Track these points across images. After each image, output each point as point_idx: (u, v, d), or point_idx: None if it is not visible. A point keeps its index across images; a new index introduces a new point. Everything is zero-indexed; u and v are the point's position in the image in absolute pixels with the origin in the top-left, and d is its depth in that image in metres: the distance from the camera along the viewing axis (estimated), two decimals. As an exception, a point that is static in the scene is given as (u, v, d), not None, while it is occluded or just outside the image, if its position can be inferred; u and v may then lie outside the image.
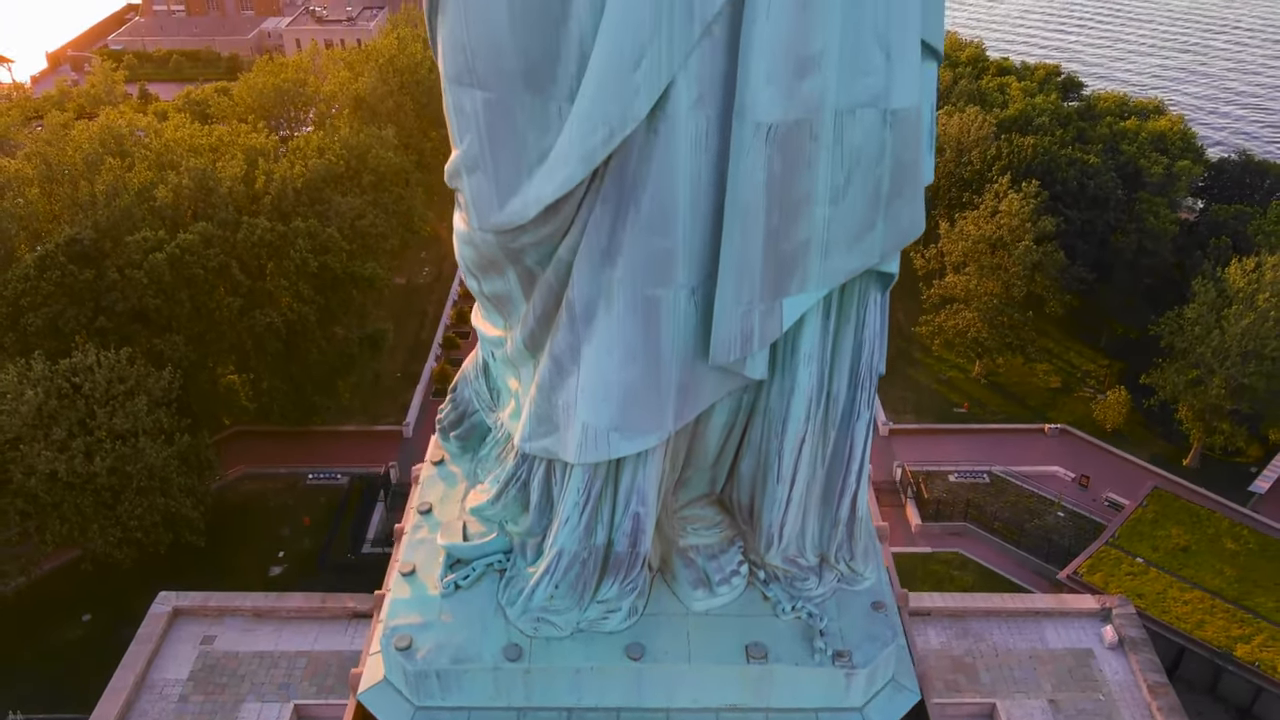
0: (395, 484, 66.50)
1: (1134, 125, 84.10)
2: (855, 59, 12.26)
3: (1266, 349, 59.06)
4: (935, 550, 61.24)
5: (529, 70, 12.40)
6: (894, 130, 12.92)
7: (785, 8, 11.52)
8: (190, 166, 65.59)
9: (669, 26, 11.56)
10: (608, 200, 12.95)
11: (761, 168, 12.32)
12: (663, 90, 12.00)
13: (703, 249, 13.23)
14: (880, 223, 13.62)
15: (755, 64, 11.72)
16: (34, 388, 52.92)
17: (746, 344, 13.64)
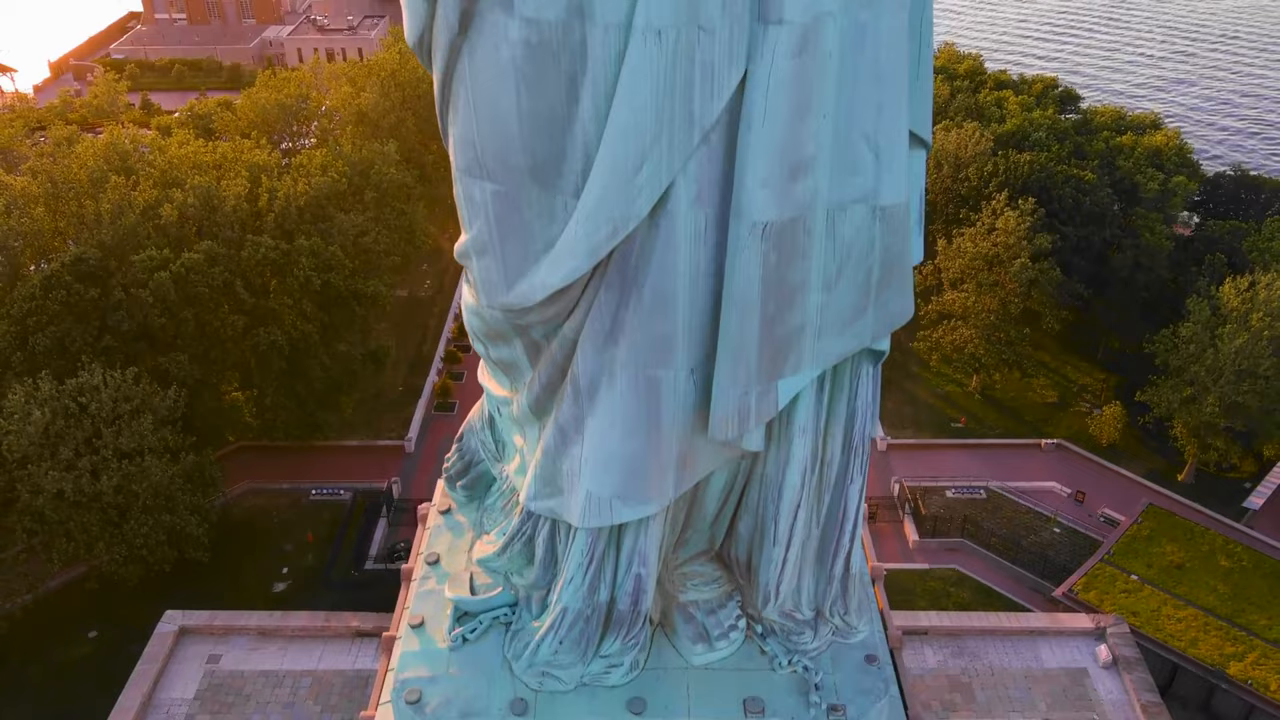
0: (398, 499, 67.11)
1: (1130, 140, 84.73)
2: (846, 160, 12.86)
3: (1260, 368, 59.72)
4: (932, 567, 61.83)
5: (536, 167, 12.99)
6: (883, 224, 13.52)
7: (779, 116, 12.12)
8: (195, 184, 66.18)
9: (669, 134, 12.15)
10: (611, 286, 13.54)
11: (757, 262, 12.91)
12: (664, 191, 12.59)
13: (702, 332, 13.82)
14: (871, 309, 14.22)
15: (751, 168, 12.32)
16: (41, 408, 53.52)
17: (744, 423, 14.23)
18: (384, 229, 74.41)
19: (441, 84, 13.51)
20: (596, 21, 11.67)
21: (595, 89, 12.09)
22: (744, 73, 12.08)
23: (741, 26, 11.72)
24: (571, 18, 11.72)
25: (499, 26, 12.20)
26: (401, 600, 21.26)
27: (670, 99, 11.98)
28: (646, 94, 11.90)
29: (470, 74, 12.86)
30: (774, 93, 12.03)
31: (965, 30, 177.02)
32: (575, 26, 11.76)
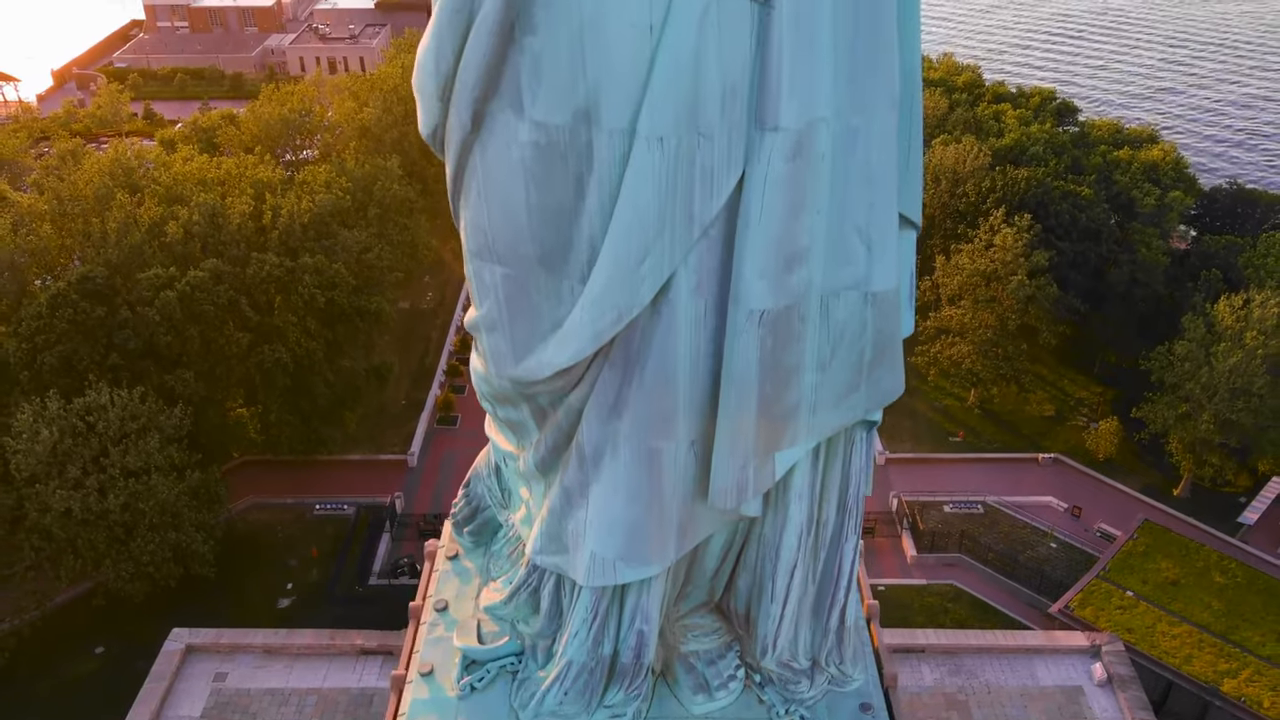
0: (401, 514, 67.77)
1: (1127, 155, 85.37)
2: (839, 251, 13.52)
3: (1254, 386, 60.38)
4: (930, 582, 62.46)
5: (544, 255, 13.64)
6: (875, 308, 14.19)
7: (775, 214, 12.78)
8: (200, 202, 66.84)
9: (671, 229, 12.81)
10: (615, 365, 14.19)
11: (755, 346, 13.57)
12: (665, 280, 13.26)
13: (702, 406, 14.47)
14: (864, 385, 14.89)
15: (748, 261, 12.98)
16: (49, 427, 54.20)
17: (742, 494, 14.89)
18: (387, 245, 75.08)
19: (454, 174, 14.16)
20: (602, 127, 12.33)
21: (601, 188, 12.74)
22: (741, 174, 12.75)
23: (739, 132, 12.39)
24: (578, 123, 12.38)
25: (509, 127, 12.86)
26: (410, 640, 21.90)
27: (672, 198, 12.64)
28: (649, 194, 12.56)
29: (482, 169, 13.53)
30: (770, 193, 12.70)
31: (964, 40, 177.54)
32: (582, 130, 12.43)
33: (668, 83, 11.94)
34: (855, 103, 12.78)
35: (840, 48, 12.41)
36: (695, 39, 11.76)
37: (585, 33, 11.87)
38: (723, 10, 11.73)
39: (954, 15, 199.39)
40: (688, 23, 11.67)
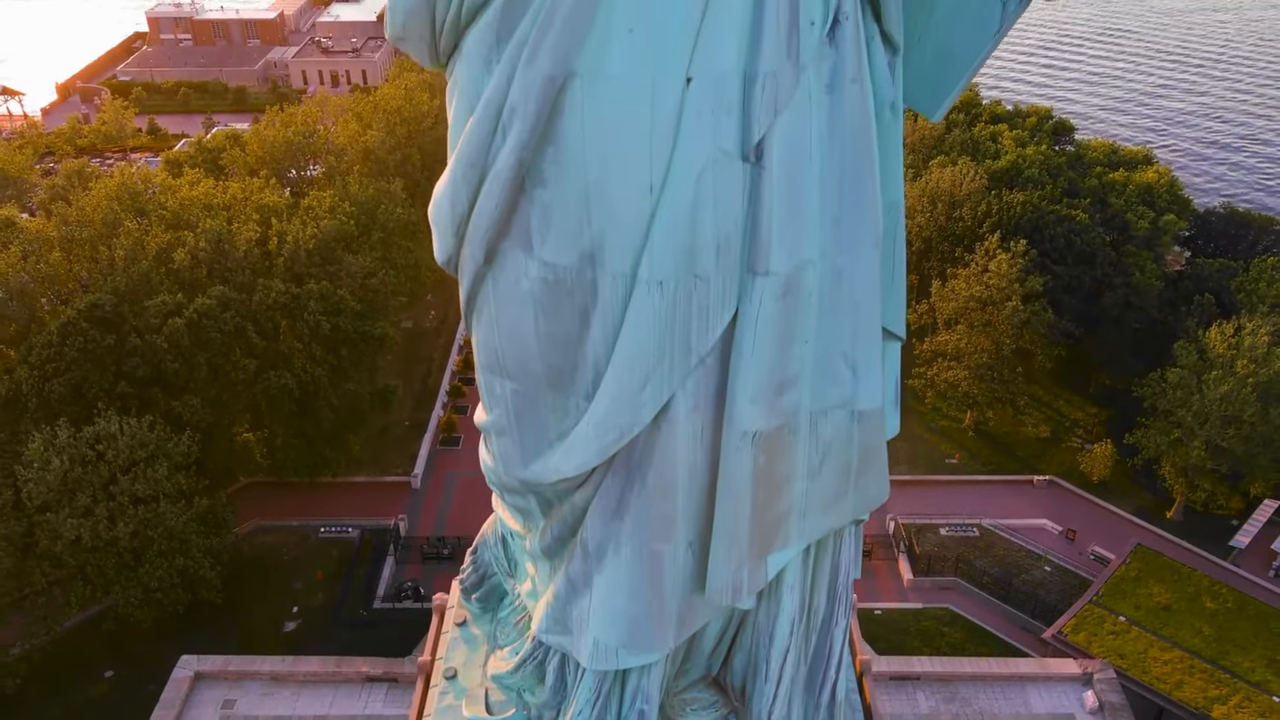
0: (404, 537, 68.71)
1: (1122, 177, 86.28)
2: (827, 375, 14.52)
3: (1244, 414, 61.32)
4: (926, 606, 63.36)
5: (551, 374, 14.63)
6: (860, 424, 15.19)
7: (766, 346, 13.78)
8: (206, 228, 67.79)
9: (670, 359, 13.80)
10: (618, 473, 15.17)
11: (749, 462, 14.56)
12: (665, 402, 14.25)
13: (699, 512, 15.44)
14: (851, 492, 15.89)
15: (742, 387, 13.98)
16: (59, 456, 55.16)
17: (737, 593, 15.88)
18: (390, 268, 76.04)
19: (467, 298, 15.17)
20: (606, 270, 13.33)
21: (604, 321, 13.73)
22: (735, 311, 13.76)
23: (733, 276, 13.40)
24: (584, 264, 13.39)
25: (519, 264, 13.86)
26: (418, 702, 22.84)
27: (670, 333, 13.64)
28: (649, 330, 13.55)
29: (494, 297, 14.53)
30: (761, 328, 13.69)
31: None
32: (587, 271, 13.43)
33: (667, 235, 12.95)
34: (840, 244, 13.78)
35: (826, 197, 13.42)
36: (692, 197, 12.78)
37: (591, 190, 12.89)
38: (717, 171, 12.74)
39: None
40: (685, 183, 12.69)
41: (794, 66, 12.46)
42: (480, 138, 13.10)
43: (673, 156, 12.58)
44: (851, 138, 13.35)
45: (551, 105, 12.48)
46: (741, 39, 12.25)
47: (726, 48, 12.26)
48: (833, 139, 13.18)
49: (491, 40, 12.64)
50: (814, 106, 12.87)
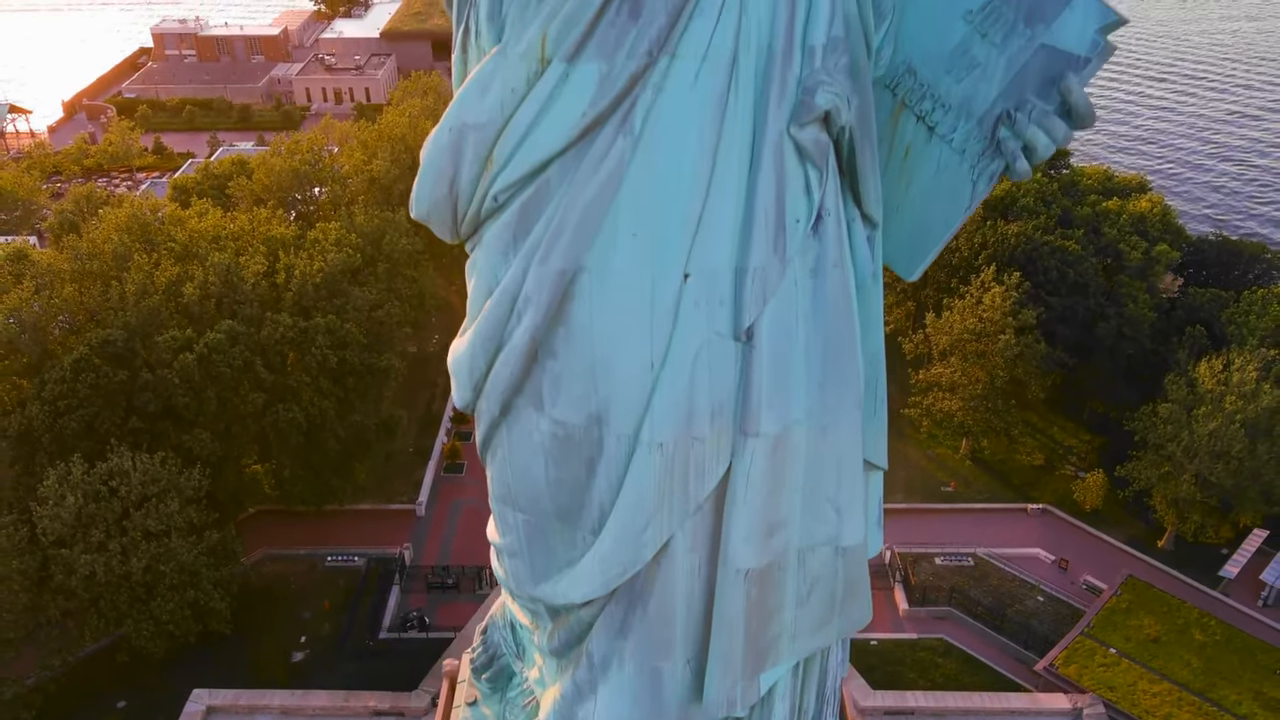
0: (409, 566, 70.03)
1: (1116, 205, 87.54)
2: (813, 517, 15.86)
3: (1233, 449, 62.63)
4: (921, 636, 64.62)
5: (559, 511, 15.98)
6: (844, 559, 16.56)
7: (757, 496, 15.15)
8: (215, 261, 69.14)
9: (669, 505, 15.15)
10: (620, 599, 16.51)
11: (742, 596, 15.92)
12: (664, 542, 15.62)
13: (696, 636, 16.77)
14: (836, 618, 17.23)
15: (735, 531, 15.34)
16: (73, 492, 56.52)
17: (731, 707, 17.18)
18: (395, 299, 77.34)
19: (483, 441, 16.52)
20: (611, 430, 14.69)
21: (609, 472, 15.08)
22: (729, 466, 15.14)
23: (726, 437, 14.76)
24: (591, 424, 14.76)
25: (532, 419, 15.21)
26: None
27: (670, 485, 14.98)
28: (650, 483, 14.91)
29: (507, 442, 15.89)
30: (753, 481, 15.04)
31: None
32: (594, 430, 14.79)
33: (666, 404, 14.31)
34: (825, 406, 15.12)
35: (811, 366, 14.77)
36: (690, 373, 14.15)
37: (597, 364, 14.25)
38: (712, 350, 14.12)
39: None
40: (683, 361, 14.07)
41: (781, 260, 13.82)
42: (498, 318, 14.50)
43: (672, 339, 13.95)
44: (834, 315, 14.71)
45: (562, 294, 13.87)
46: (733, 239, 13.62)
47: (720, 247, 13.62)
48: (817, 317, 14.53)
49: (509, 238, 14.01)
50: (799, 291, 14.23)
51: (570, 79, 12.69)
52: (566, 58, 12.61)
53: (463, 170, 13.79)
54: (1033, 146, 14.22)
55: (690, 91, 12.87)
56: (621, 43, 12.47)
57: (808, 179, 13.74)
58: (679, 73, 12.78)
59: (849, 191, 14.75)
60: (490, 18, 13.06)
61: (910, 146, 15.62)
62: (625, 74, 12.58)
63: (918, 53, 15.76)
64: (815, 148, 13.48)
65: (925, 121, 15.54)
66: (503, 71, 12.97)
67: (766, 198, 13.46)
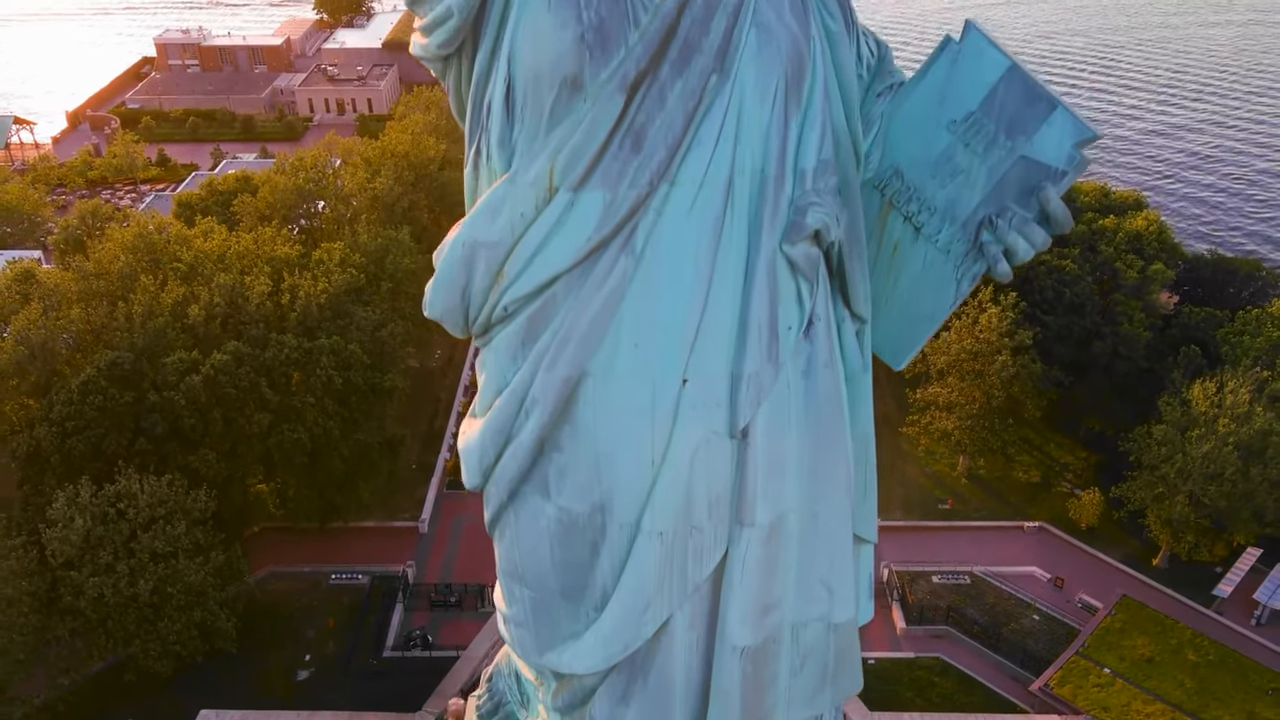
0: (413, 584, 70.83)
1: (1113, 223, 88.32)
2: (806, 595, 16.66)
3: (1226, 472, 63.43)
4: (918, 655, 65.38)
5: (564, 588, 16.76)
6: (835, 634, 17.34)
7: (753, 579, 15.97)
8: (220, 283, 69.99)
9: (668, 587, 15.95)
10: (622, 671, 17.27)
11: (738, 671, 16.71)
12: (664, 620, 16.43)
13: (695, 706, 17.55)
14: (829, 687, 18.00)
15: (732, 611, 16.14)
16: (82, 514, 57.35)
17: (729, 773, 18.02)
18: (399, 317, 78.17)
19: (491, 521, 17.32)
20: (614, 518, 15.50)
21: (612, 556, 15.88)
22: (725, 551, 15.96)
23: (723, 526, 15.57)
24: (594, 512, 15.57)
25: (538, 505, 16.03)
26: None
27: (669, 569, 15.78)
28: (650, 567, 15.70)
29: (515, 524, 16.69)
30: (748, 565, 15.84)
31: None
32: (597, 517, 15.60)
33: (666, 497, 15.13)
34: (817, 494, 15.92)
35: (803, 458, 15.58)
36: (688, 469, 14.98)
37: (601, 460, 15.07)
38: (709, 448, 14.96)
39: None
40: (682, 458, 14.90)
41: (774, 365, 14.65)
42: (507, 416, 15.34)
43: (671, 437, 14.78)
44: (825, 412, 15.53)
45: (568, 397, 14.72)
46: (729, 347, 14.45)
47: (716, 355, 14.45)
48: (808, 415, 15.35)
49: (517, 343, 14.85)
50: (791, 392, 15.05)
51: (576, 206, 13.53)
52: (573, 187, 13.44)
53: (474, 282, 14.63)
54: (1013, 251, 15.01)
55: (689, 215, 13.71)
56: (624, 174, 13.30)
57: (799, 290, 14.57)
58: (678, 198, 13.61)
59: (839, 294, 15.58)
60: (500, 144, 13.88)
61: (898, 244, 16.44)
62: (628, 202, 13.42)
63: (904, 158, 16.60)
64: (806, 262, 14.31)
65: (912, 222, 16.36)
66: (513, 197, 13.81)
67: (760, 309, 14.29)
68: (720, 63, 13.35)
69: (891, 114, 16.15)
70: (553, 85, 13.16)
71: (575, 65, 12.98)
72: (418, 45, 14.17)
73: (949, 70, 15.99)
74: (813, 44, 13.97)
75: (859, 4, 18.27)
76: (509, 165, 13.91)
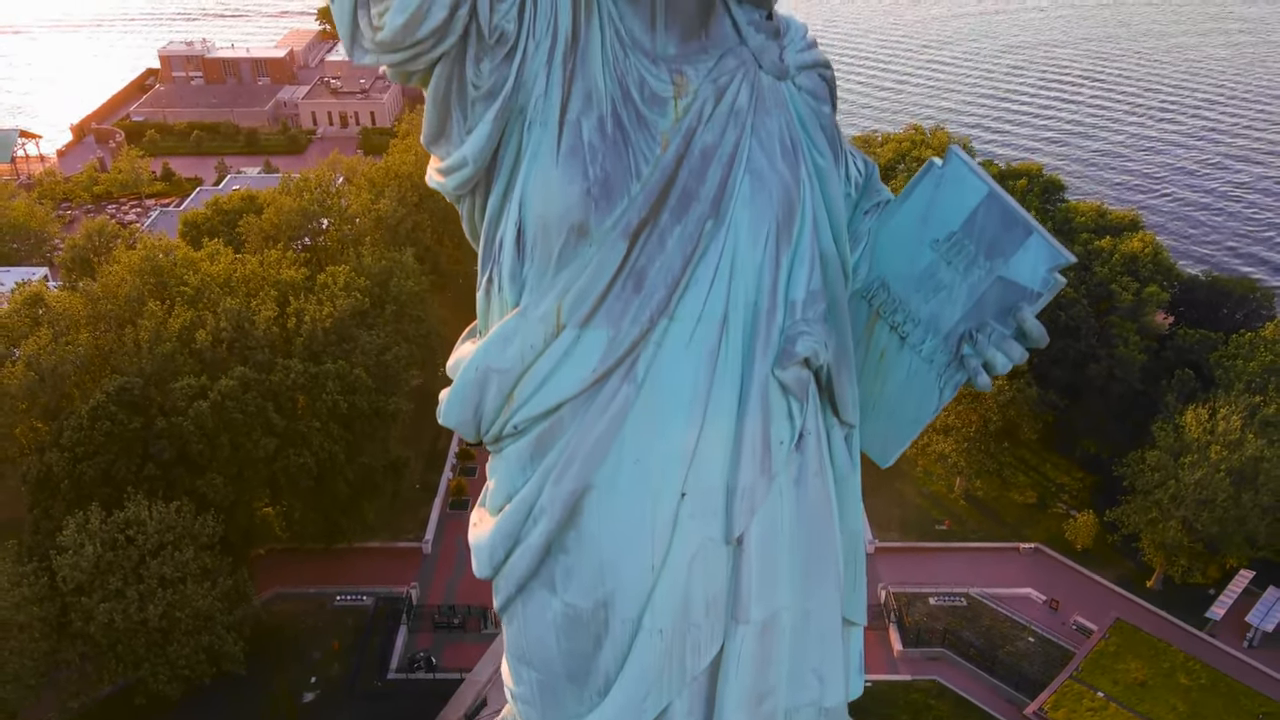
0: (416, 605, 71.81)
1: (1109, 244, 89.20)
2: (798, 684, 17.64)
3: (1218, 499, 64.39)
4: (915, 678, 66.33)
5: (569, 674, 17.76)
6: (827, 715, 18.38)
7: (747, 669, 16.96)
8: (226, 307, 71.01)
9: (668, 678, 16.94)
10: (624, 743, 18.42)
11: (735, 757, 17.83)
12: (664, 707, 17.49)
13: (694, 775, 18.70)
14: (819, 762, 19.15)
15: (728, 700, 17.12)
16: (92, 541, 58.38)
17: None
18: (403, 339, 79.11)
19: (500, 609, 18.37)
20: (616, 615, 16.48)
21: (614, 648, 16.86)
22: (721, 646, 16.98)
23: (719, 623, 16.55)
24: (598, 608, 16.57)
25: (545, 600, 17.00)
26: None
27: (668, 662, 16.77)
28: (651, 660, 16.68)
29: (522, 614, 17.68)
30: (743, 659, 16.80)
31: (955, 110, 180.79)
32: (601, 612, 16.59)
33: (666, 598, 16.13)
34: (808, 592, 16.90)
35: (795, 560, 16.57)
36: (686, 573, 15.98)
37: (605, 563, 16.06)
38: (706, 554, 15.94)
39: (952, 87, 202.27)
40: (681, 563, 15.89)
41: (767, 478, 15.64)
42: (516, 522, 16.34)
43: (671, 544, 15.78)
44: (815, 517, 16.51)
45: (574, 508, 15.75)
46: (724, 463, 15.45)
47: (712, 470, 15.45)
48: (800, 521, 16.34)
49: (526, 458, 15.85)
50: (784, 500, 16.04)
51: (582, 341, 14.54)
52: (579, 325, 14.45)
53: (487, 402, 15.63)
54: (992, 365, 15.99)
55: (687, 347, 14.73)
56: (626, 312, 14.32)
57: (790, 408, 15.57)
58: (677, 332, 14.63)
59: (828, 405, 16.60)
60: (512, 278, 14.87)
61: (884, 351, 17.49)
62: (630, 337, 14.43)
63: (891, 271, 17.67)
64: (797, 384, 15.31)
65: (898, 331, 17.41)
66: (524, 330, 14.83)
67: (754, 428, 15.30)
68: (716, 209, 14.38)
69: (878, 230, 17.24)
70: (560, 232, 14.19)
71: (582, 215, 14.01)
72: (435, 182, 15.16)
73: (932, 192, 17.07)
74: (802, 187, 15.00)
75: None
76: (519, 298, 14.94)
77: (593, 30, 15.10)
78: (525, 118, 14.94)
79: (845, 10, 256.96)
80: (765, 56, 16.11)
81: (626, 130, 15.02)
